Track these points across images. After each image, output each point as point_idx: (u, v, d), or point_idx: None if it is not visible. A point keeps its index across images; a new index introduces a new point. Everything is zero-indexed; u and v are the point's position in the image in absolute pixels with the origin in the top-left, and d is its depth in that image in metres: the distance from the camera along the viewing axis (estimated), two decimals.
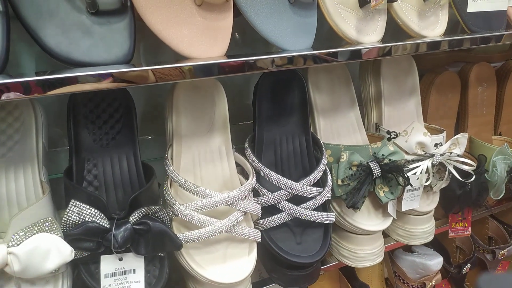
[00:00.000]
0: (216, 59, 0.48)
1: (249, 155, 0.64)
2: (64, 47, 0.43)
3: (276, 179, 0.60)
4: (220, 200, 0.55)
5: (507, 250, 1.04)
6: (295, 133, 0.70)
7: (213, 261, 0.56)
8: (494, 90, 0.93)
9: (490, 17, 0.71)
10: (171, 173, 0.57)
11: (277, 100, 0.69)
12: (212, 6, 0.50)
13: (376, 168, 0.64)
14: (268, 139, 0.69)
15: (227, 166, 0.65)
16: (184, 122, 0.63)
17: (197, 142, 0.64)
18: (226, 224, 0.54)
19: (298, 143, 0.70)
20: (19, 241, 0.45)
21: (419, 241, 0.79)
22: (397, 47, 0.59)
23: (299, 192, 0.60)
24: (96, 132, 0.58)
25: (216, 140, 0.65)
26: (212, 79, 0.64)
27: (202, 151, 0.65)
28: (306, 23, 0.57)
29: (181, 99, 0.63)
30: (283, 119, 0.70)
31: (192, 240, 0.54)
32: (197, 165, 0.64)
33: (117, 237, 0.47)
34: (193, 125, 0.64)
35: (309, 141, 0.69)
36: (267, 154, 0.68)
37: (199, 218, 0.54)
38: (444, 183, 0.77)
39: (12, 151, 0.54)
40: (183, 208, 0.54)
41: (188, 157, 0.63)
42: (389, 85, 0.78)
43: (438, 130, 0.78)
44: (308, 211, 0.61)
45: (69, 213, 0.47)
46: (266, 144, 0.68)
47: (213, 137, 0.65)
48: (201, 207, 0.54)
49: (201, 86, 0.64)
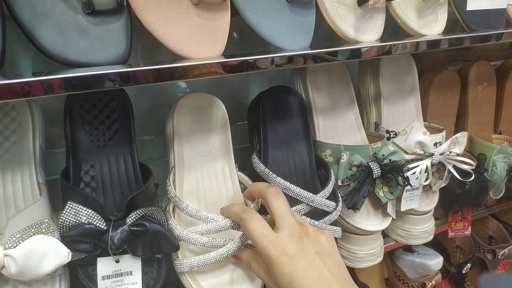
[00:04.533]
0: (215, 58, 0.48)
1: (264, 169, 0.61)
2: (60, 47, 0.43)
3: (297, 192, 0.57)
4: (224, 225, 0.53)
5: (508, 250, 1.04)
6: (298, 150, 0.69)
7: (220, 286, 0.55)
8: (494, 88, 0.93)
9: (489, 15, 0.71)
10: (173, 198, 0.56)
11: (279, 119, 0.69)
12: (209, 5, 0.50)
13: (376, 169, 0.64)
14: (272, 157, 0.68)
15: (231, 187, 0.63)
16: (186, 145, 0.62)
17: (200, 164, 0.63)
18: (231, 249, 0.52)
19: (300, 160, 0.69)
20: (16, 243, 0.44)
21: (419, 241, 0.79)
22: (397, 46, 0.58)
23: (318, 205, 0.58)
24: (93, 132, 0.58)
25: (218, 161, 0.64)
26: (213, 98, 0.63)
27: (205, 173, 0.63)
28: (304, 22, 0.57)
29: (182, 123, 0.62)
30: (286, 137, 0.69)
31: (197, 266, 0.53)
32: (201, 188, 0.63)
33: (113, 238, 0.47)
34: (195, 148, 0.63)
35: (312, 157, 0.69)
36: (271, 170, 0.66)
37: (203, 243, 0.53)
38: (444, 183, 0.77)
39: (9, 152, 0.54)
40: (185, 233, 0.53)
41: (191, 180, 0.62)
42: (388, 84, 0.78)
43: (437, 129, 0.78)
44: (325, 225, 0.59)
45: (66, 214, 0.47)
46: (270, 161, 0.67)
47: (215, 159, 0.64)
48: (205, 231, 0.53)
49: (202, 106, 0.63)
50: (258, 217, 0.47)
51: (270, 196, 0.48)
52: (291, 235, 0.45)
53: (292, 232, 0.45)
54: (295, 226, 0.46)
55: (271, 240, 0.44)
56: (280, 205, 0.47)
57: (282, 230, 0.45)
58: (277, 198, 0.48)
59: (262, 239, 0.45)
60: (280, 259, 0.43)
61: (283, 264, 0.43)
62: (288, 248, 0.43)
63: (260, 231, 0.45)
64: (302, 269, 0.42)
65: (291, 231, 0.45)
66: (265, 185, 0.50)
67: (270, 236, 0.45)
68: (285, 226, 0.45)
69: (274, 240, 0.44)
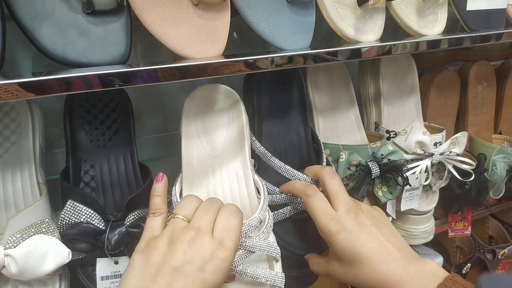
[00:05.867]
0: (214, 58, 0.48)
1: (260, 147, 0.60)
2: (60, 47, 0.43)
3: (293, 174, 0.57)
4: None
5: (508, 250, 1.04)
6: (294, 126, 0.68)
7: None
8: (494, 88, 0.93)
9: (489, 15, 0.71)
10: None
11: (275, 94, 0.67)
12: (209, 5, 0.50)
13: (375, 168, 0.64)
14: (267, 132, 0.66)
15: (245, 192, 0.58)
16: (195, 146, 0.58)
17: (212, 166, 0.59)
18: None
19: (296, 135, 0.68)
20: (16, 243, 0.44)
21: (419, 241, 0.79)
22: (397, 46, 0.58)
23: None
24: (93, 132, 0.58)
25: (232, 161, 0.59)
26: (233, 94, 0.60)
27: (218, 177, 0.59)
28: (304, 22, 0.57)
29: (190, 120, 0.58)
30: (282, 112, 0.68)
31: None
32: (212, 194, 0.58)
33: (110, 239, 0.47)
34: (207, 148, 0.59)
35: (308, 132, 0.68)
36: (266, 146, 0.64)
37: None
38: (444, 183, 0.77)
39: (9, 152, 0.54)
40: None
41: (203, 188, 0.57)
42: (388, 84, 0.78)
43: (437, 129, 0.78)
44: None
45: (66, 213, 0.47)
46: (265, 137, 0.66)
47: (228, 160, 0.59)
48: None
49: (212, 98, 0.59)
50: (321, 195, 0.51)
51: (326, 175, 0.52)
52: (347, 211, 0.49)
53: (348, 209, 0.49)
54: (350, 203, 0.50)
55: (332, 218, 0.48)
56: (336, 184, 0.51)
57: (339, 207, 0.49)
58: (333, 177, 0.52)
59: (324, 217, 0.49)
60: (340, 235, 0.47)
61: (343, 239, 0.47)
62: (346, 224, 0.48)
63: (322, 209, 0.49)
64: (361, 241, 0.46)
65: (347, 208, 0.49)
66: (320, 166, 0.55)
67: (331, 214, 0.49)
68: (342, 204, 0.50)
69: (334, 217, 0.48)
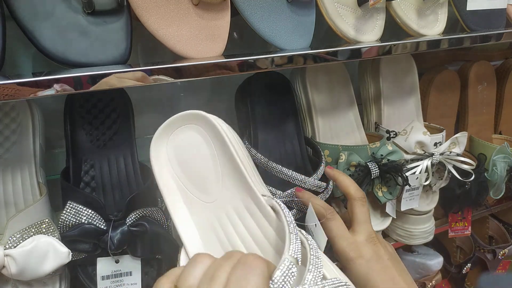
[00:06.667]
0: (214, 58, 0.48)
1: (256, 154, 0.60)
2: (60, 47, 0.43)
3: (289, 175, 0.58)
4: None
5: (508, 250, 1.03)
6: (288, 135, 0.69)
7: None
8: (494, 88, 0.93)
9: (489, 15, 0.71)
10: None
11: (269, 102, 0.68)
12: (209, 5, 0.50)
13: (374, 169, 0.63)
14: (263, 140, 0.67)
15: (265, 223, 0.42)
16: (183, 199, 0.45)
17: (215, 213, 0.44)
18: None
19: (291, 145, 0.69)
20: (16, 243, 0.44)
21: (419, 241, 0.79)
22: (397, 46, 0.58)
23: (311, 186, 0.59)
24: (93, 132, 0.58)
25: (233, 199, 0.43)
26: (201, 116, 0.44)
27: (225, 221, 0.44)
28: (304, 22, 0.57)
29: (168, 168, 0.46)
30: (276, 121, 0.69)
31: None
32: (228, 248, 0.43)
33: (113, 239, 0.47)
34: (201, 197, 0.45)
35: (301, 140, 0.69)
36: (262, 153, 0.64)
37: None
38: (444, 183, 0.77)
39: (9, 152, 0.54)
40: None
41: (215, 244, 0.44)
42: (388, 84, 0.78)
43: (437, 129, 0.78)
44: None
45: (66, 214, 0.47)
46: (261, 144, 0.67)
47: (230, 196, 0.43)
48: None
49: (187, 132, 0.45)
50: (339, 219, 0.51)
51: (358, 200, 0.53)
52: (368, 241, 0.49)
53: (369, 238, 0.49)
54: (372, 234, 0.50)
55: (351, 243, 0.49)
56: (365, 212, 0.52)
57: (360, 235, 0.49)
58: (364, 205, 0.52)
59: (342, 241, 0.49)
60: (358, 261, 0.47)
61: (360, 266, 0.47)
62: (365, 252, 0.48)
63: (341, 233, 0.49)
64: (377, 272, 0.47)
65: (367, 237, 0.49)
66: (356, 189, 0.54)
67: (349, 239, 0.49)
68: (364, 232, 0.50)
69: (353, 243, 0.49)
